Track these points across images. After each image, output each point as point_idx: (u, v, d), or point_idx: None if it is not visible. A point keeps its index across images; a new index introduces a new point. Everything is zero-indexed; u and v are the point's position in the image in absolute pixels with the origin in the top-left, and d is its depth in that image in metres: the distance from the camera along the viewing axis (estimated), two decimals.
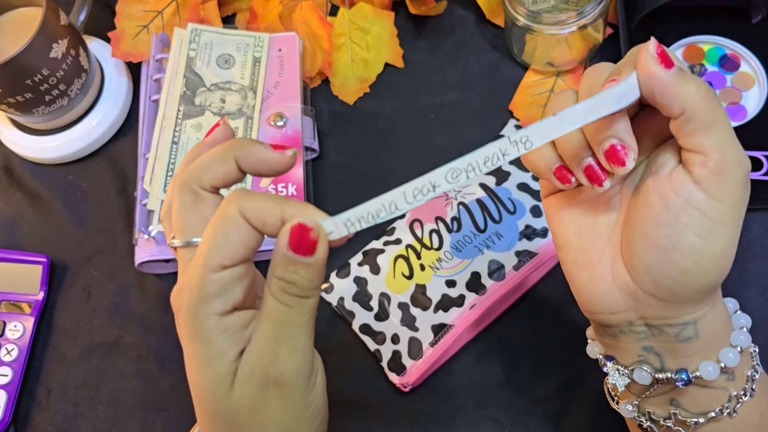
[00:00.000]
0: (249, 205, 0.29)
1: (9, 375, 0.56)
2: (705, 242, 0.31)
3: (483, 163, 0.30)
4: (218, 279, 0.29)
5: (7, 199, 0.65)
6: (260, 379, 0.29)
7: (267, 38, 0.63)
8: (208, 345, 0.29)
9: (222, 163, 0.31)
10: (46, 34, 0.57)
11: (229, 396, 0.30)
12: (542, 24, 0.58)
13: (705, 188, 0.30)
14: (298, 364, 0.30)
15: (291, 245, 0.29)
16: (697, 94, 0.29)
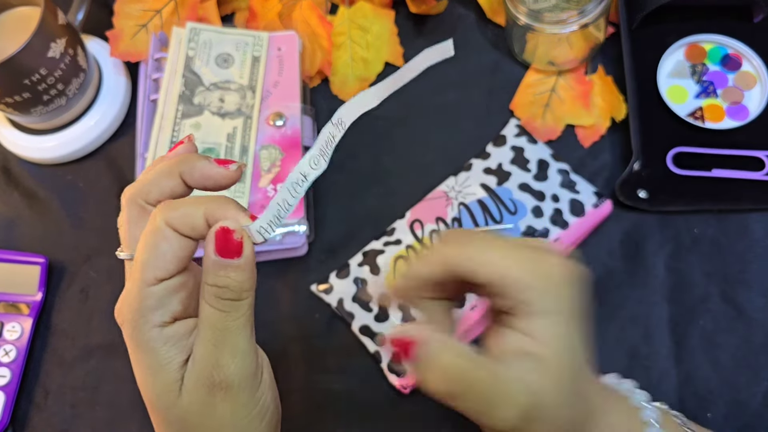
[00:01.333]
0: (174, 214, 0.30)
1: (7, 376, 0.56)
2: None
3: (327, 144, 0.32)
4: (155, 292, 0.30)
5: (5, 200, 0.64)
6: (206, 384, 0.30)
7: (266, 37, 0.63)
8: (152, 355, 0.30)
9: (168, 178, 0.32)
10: (44, 34, 0.57)
11: (178, 403, 0.30)
12: (543, 23, 0.58)
13: None
14: (240, 366, 0.30)
15: (217, 250, 0.29)
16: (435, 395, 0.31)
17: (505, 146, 0.59)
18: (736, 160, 0.57)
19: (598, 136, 0.61)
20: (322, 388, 0.55)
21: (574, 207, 0.56)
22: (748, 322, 0.54)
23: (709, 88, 0.60)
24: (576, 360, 0.32)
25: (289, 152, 0.59)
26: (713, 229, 0.57)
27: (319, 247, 0.59)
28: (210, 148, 0.58)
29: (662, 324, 0.54)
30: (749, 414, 0.51)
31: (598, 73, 0.62)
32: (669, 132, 0.59)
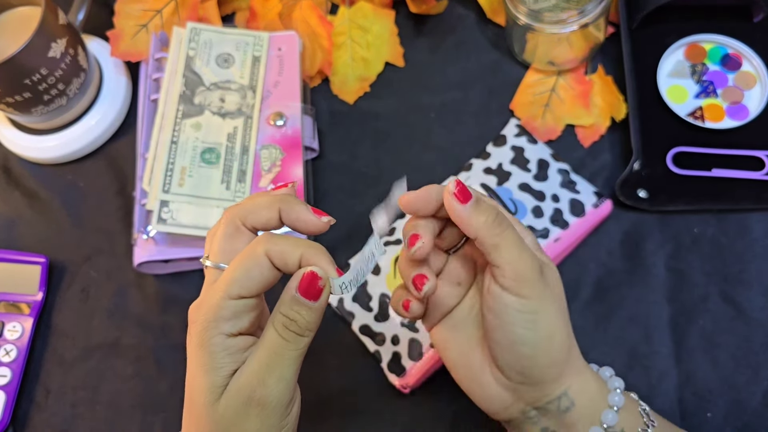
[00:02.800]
0: (274, 248, 0.34)
1: (8, 376, 0.56)
2: (531, 331, 0.37)
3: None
4: (232, 306, 0.34)
5: (6, 199, 0.64)
6: (246, 396, 0.33)
7: (266, 37, 0.63)
8: (210, 357, 0.34)
9: (267, 210, 0.36)
10: (44, 34, 0.57)
11: (216, 405, 0.34)
12: (543, 23, 0.58)
13: (512, 292, 0.37)
14: (282, 391, 0.34)
15: (300, 289, 0.34)
16: (486, 223, 0.37)
17: (505, 146, 0.59)
18: (736, 159, 0.57)
19: (598, 135, 0.61)
20: (322, 387, 0.55)
21: (574, 207, 0.56)
22: (748, 321, 0.54)
23: (709, 87, 0.61)
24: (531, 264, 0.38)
25: (290, 152, 0.59)
26: (713, 229, 0.57)
27: None
28: (210, 148, 0.58)
29: (662, 324, 0.54)
30: (749, 413, 0.51)
31: (598, 73, 0.62)
32: (669, 132, 0.59)
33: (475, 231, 0.37)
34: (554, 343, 0.38)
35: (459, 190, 0.37)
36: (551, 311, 0.38)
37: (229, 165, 0.58)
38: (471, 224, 0.37)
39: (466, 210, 0.37)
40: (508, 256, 0.37)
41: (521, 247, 0.37)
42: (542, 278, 0.38)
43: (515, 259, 0.37)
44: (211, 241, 0.37)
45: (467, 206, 0.37)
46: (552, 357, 0.38)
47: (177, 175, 0.57)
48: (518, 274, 0.37)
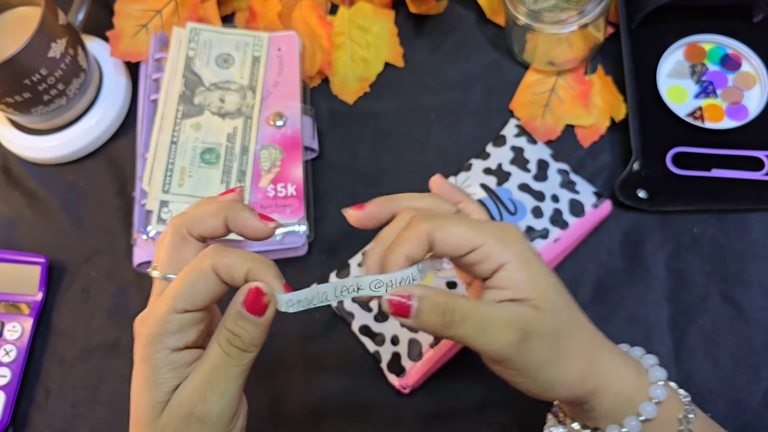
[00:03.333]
0: (221, 262, 0.34)
1: (8, 376, 0.56)
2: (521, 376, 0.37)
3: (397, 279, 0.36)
4: (178, 319, 0.34)
5: (6, 199, 0.64)
6: (186, 412, 0.33)
7: (266, 37, 0.63)
8: (153, 372, 0.34)
9: (213, 218, 0.36)
10: (44, 34, 0.57)
11: (157, 422, 0.34)
12: (543, 23, 0.58)
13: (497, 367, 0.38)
14: (224, 408, 0.34)
15: (246, 304, 0.33)
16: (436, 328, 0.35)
17: (505, 146, 0.59)
18: (736, 159, 0.57)
19: (597, 136, 0.61)
20: (322, 387, 0.55)
21: (573, 207, 0.56)
22: (748, 321, 0.54)
23: (709, 88, 0.61)
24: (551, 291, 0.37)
25: (290, 152, 0.59)
26: (713, 229, 0.57)
27: (319, 247, 0.59)
28: (210, 148, 0.58)
29: (662, 324, 0.54)
30: (749, 413, 0.51)
31: (598, 73, 0.62)
32: (668, 132, 0.59)
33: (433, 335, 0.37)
34: (559, 388, 0.38)
35: (395, 310, 0.35)
36: (543, 370, 0.37)
37: (228, 165, 0.58)
38: (425, 332, 0.36)
39: (412, 323, 0.35)
40: (477, 346, 0.36)
41: (486, 331, 0.35)
42: (525, 344, 0.36)
43: (485, 347, 0.36)
44: (158, 251, 0.37)
45: (411, 320, 0.35)
46: (559, 397, 0.38)
47: (177, 175, 0.57)
48: (493, 356, 0.36)
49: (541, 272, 0.37)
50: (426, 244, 0.36)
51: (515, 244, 0.36)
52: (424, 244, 0.36)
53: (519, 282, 0.36)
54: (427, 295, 0.35)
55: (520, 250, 0.36)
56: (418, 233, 0.36)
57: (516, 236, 0.37)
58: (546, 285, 0.37)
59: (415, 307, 0.35)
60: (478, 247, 0.36)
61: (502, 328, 0.35)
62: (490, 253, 0.36)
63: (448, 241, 0.36)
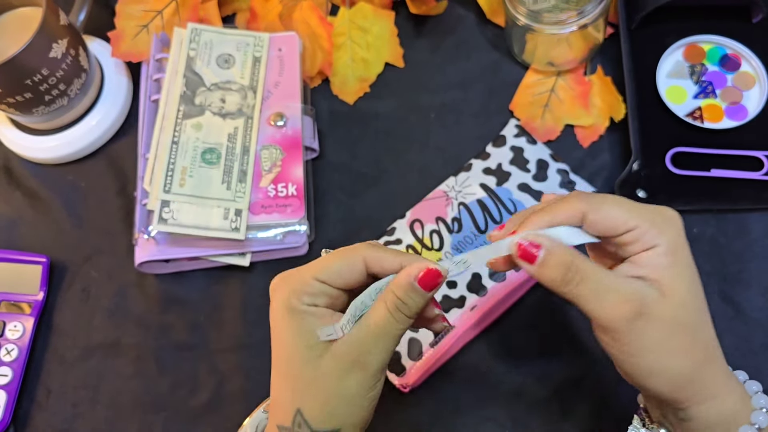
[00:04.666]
0: (374, 254, 0.38)
1: (9, 375, 0.56)
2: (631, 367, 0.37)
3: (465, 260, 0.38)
4: (317, 286, 0.38)
5: (7, 199, 0.64)
6: (351, 360, 0.37)
7: (267, 38, 0.63)
8: (302, 320, 0.37)
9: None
10: (45, 34, 0.57)
11: (318, 362, 0.37)
12: (543, 23, 0.58)
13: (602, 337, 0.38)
14: (383, 360, 0.38)
15: (420, 280, 0.37)
16: (555, 282, 0.37)
17: (505, 146, 0.59)
18: (735, 159, 0.57)
19: (597, 136, 0.61)
20: None
21: None
22: (747, 321, 0.54)
23: (708, 88, 0.61)
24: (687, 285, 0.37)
25: (290, 152, 0.59)
26: (712, 229, 0.57)
27: (320, 247, 0.59)
28: (211, 148, 0.58)
29: None
30: None
31: (597, 74, 0.62)
32: (668, 132, 0.59)
33: (549, 288, 0.37)
34: (659, 380, 0.37)
35: (521, 254, 0.37)
36: (656, 353, 0.36)
37: (229, 165, 0.58)
38: (543, 283, 0.37)
39: (535, 270, 0.37)
40: (588, 311, 0.37)
41: (601, 297, 0.36)
42: (640, 320, 0.36)
43: (596, 314, 0.36)
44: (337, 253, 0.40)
45: (534, 267, 0.37)
46: (655, 388, 0.37)
47: (178, 175, 0.57)
48: (603, 324, 0.36)
49: (683, 263, 0.37)
50: (577, 222, 0.37)
51: (670, 230, 0.37)
52: (575, 221, 0.38)
53: (658, 265, 0.36)
54: (555, 250, 0.37)
55: (673, 236, 0.37)
56: (572, 209, 0.37)
57: (673, 222, 0.37)
58: (682, 276, 0.37)
59: (541, 256, 0.37)
60: (632, 230, 0.37)
61: (619, 299, 0.36)
62: (642, 237, 0.37)
63: (602, 222, 0.37)
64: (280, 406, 0.38)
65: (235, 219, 0.56)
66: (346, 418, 0.38)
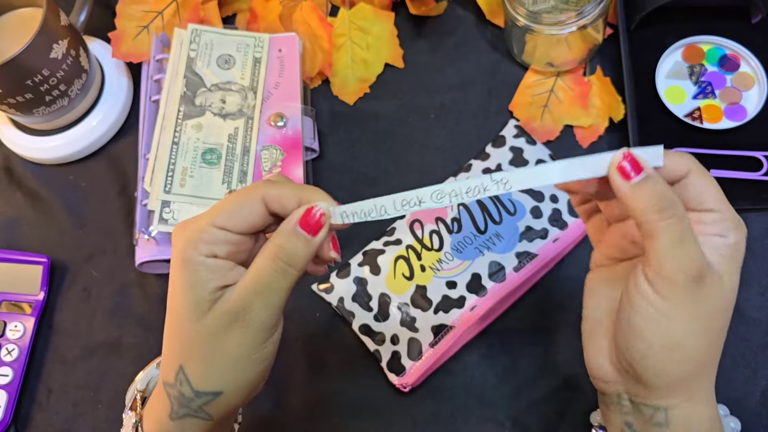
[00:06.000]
0: (272, 192, 0.35)
1: (9, 375, 0.56)
2: (651, 331, 0.34)
3: (465, 192, 0.35)
4: (214, 233, 0.35)
5: (8, 200, 0.65)
6: (232, 316, 0.35)
7: (267, 38, 0.63)
8: (194, 273, 0.35)
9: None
10: (46, 35, 0.57)
11: (202, 319, 0.35)
12: (542, 24, 0.58)
13: (651, 285, 0.34)
14: (266, 317, 0.35)
15: (301, 222, 0.35)
16: (644, 208, 0.33)
17: (504, 147, 0.59)
18: (734, 160, 0.57)
19: (596, 136, 0.61)
20: (322, 386, 0.55)
21: (572, 208, 0.56)
22: (746, 321, 0.54)
23: (707, 88, 0.61)
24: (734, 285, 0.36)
25: (290, 152, 0.59)
26: None
27: None
28: (211, 148, 0.59)
29: None
30: (747, 413, 0.51)
31: (597, 74, 0.62)
32: (667, 132, 0.59)
33: (631, 212, 0.34)
34: (673, 356, 0.35)
35: (629, 162, 0.34)
36: (687, 325, 0.34)
37: (230, 166, 0.58)
38: (630, 205, 0.34)
39: (627, 188, 0.34)
40: (658, 250, 0.33)
41: (679, 244, 0.33)
42: (695, 287, 0.34)
43: (665, 256, 0.33)
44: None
45: (629, 184, 0.33)
46: (664, 368, 0.35)
47: (178, 175, 0.57)
48: (664, 272, 0.33)
49: (738, 264, 0.36)
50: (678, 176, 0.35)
51: (742, 231, 0.36)
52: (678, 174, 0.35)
53: (724, 254, 0.35)
54: (656, 179, 0.34)
55: (742, 237, 0.36)
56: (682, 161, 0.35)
57: (744, 227, 0.36)
58: (735, 274, 0.36)
59: (640, 179, 0.33)
60: (716, 212, 0.35)
61: (693, 254, 0.33)
62: (722, 222, 0.35)
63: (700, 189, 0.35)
64: (167, 362, 0.37)
65: None
66: (228, 379, 0.36)
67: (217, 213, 0.35)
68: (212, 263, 0.35)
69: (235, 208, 0.35)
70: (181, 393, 0.36)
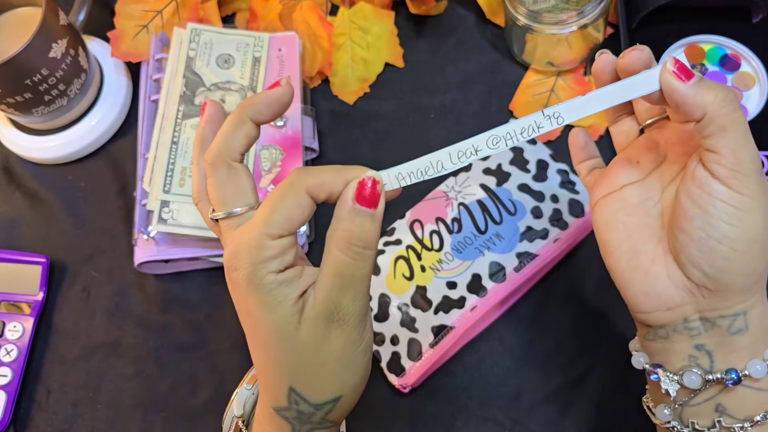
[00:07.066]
0: (314, 181, 0.33)
1: (8, 375, 0.56)
2: (735, 228, 0.34)
3: (520, 132, 0.34)
4: (276, 245, 0.32)
5: (7, 200, 0.65)
6: (325, 321, 0.33)
7: (267, 38, 0.63)
8: (270, 295, 0.33)
9: (241, 127, 0.35)
10: (45, 34, 0.57)
11: (296, 335, 0.33)
12: (543, 24, 0.58)
13: (725, 182, 0.34)
14: (360, 308, 0.33)
15: (358, 198, 0.33)
16: (715, 101, 0.33)
17: None
18: None
19: (597, 136, 0.61)
20: None
21: (573, 207, 0.56)
22: None
23: None
24: None
25: (290, 152, 0.59)
26: None
27: (320, 247, 0.59)
28: None
29: None
30: None
31: None
32: None
33: (703, 109, 0.33)
34: (756, 248, 0.34)
35: (679, 67, 0.33)
36: (761, 214, 0.34)
37: None
38: (697, 102, 0.33)
39: (692, 87, 0.33)
40: (733, 142, 0.33)
41: (748, 135, 0.34)
42: (761, 177, 0.34)
43: (739, 147, 0.33)
44: (205, 200, 0.36)
45: (691, 83, 0.33)
46: (750, 265, 0.34)
47: (177, 175, 0.57)
48: (739, 163, 0.33)
49: None
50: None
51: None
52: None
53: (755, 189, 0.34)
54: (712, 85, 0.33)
55: None
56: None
57: None
58: None
59: (697, 78, 0.33)
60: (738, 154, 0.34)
61: (754, 145, 0.34)
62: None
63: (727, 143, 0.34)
64: (271, 388, 0.35)
65: None
66: (343, 382, 0.35)
67: (268, 221, 0.32)
68: (284, 277, 0.33)
69: (285, 211, 0.32)
70: (299, 412, 0.35)
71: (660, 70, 0.34)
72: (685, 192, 0.35)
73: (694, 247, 0.35)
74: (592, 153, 0.44)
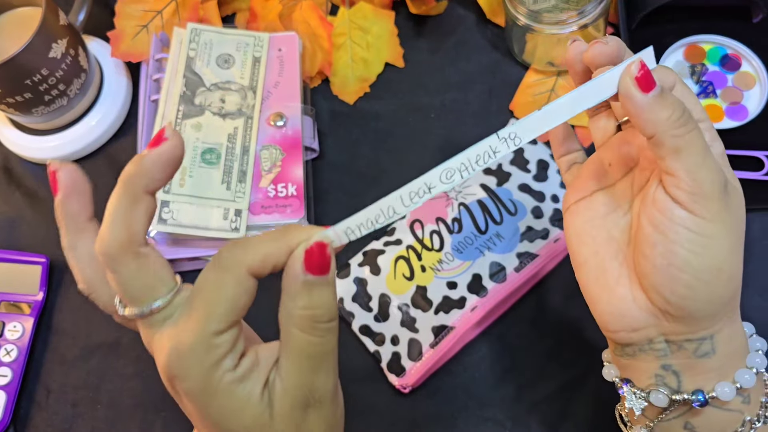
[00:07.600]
0: (253, 259, 0.29)
1: (8, 375, 0.56)
2: (698, 256, 0.32)
3: (475, 161, 0.32)
4: (226, 339, 0.29)
5: (7, 200, 0.64)
6: (302, 409, 0.30)
7: (267, 38, 0.63)
8: (233, 397, 0.29)
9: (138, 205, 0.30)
10: (45, 34, 0.57)
11: (273, 427, 0.30)
12: (543, 23, 0.58)
13: (685, 207, 0.32)
14: (333, 381, 0.31)
15: (308, 268, 0.28)
16: (668, 121, 0.31)
17: None
18: (735, 160, 0.57)
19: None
20: None
21: None
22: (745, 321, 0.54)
23: (709, 88, 0.61)
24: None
25: (290, 152, 0.59)
26: None
27: None
28: (211, 148, 0.58)
29: None
30: None
31: None
32: None
33: (654, 127, 0.30)
34: (721, 277, 0.33)
35: (643, 75, 0.30)
36: (727, 239, 0.32)
37: (229, 165, 0.58)
38: (649, 118, 0.30)
39: (647, 101, 0.30)
40: (689, 164, 0.31)
41: (706, 155, 0.31)
42: (725, 196, 0.32)
43: (697, 168, 0.31)
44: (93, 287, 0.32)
45: (649, 96, 0.30)
46: (714, 293, 0.33)
47: (177, 175, 0.57)
48: (698, 187, 0.31)
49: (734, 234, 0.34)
50: None
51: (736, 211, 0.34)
52: None
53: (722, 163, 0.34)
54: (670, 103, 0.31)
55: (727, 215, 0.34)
56: None
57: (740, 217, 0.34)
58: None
59: (654, 93, 0.31)
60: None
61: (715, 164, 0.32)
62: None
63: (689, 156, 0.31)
64: None
65: (234, 219, 0.56)
66: None
67: (211, 316, 0.28)
68: (243, 371, 0.29)
69: (228, 303, 0.28)
70: None
71: (622, 71, 0.32)
72: (646, 217, 0.33)
73: (656, 274, 0.33)
74: (572, 147, 0.41)
